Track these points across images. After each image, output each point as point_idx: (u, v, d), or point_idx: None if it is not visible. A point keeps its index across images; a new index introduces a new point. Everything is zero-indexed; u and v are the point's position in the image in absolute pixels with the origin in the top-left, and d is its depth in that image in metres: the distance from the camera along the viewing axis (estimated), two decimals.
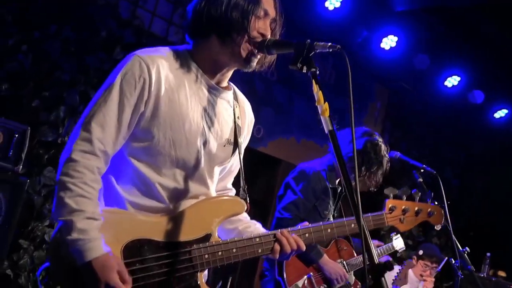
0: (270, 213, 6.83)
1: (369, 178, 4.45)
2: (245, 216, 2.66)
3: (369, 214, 2.90)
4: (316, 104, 2.05)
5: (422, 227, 8.71)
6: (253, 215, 2.69)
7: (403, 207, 3.02)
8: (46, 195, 5.13)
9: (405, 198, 3.05)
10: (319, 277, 4.40)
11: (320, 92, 2.05)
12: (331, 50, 2.14)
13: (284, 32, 2.51)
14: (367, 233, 1.83)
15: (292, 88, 7.30)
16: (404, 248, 5.26)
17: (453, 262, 4.05)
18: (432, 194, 3.31)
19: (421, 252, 6.04)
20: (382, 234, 8.59)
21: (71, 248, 2.11)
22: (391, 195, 3.00)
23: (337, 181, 4.56)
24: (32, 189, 5.02)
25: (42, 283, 2.20)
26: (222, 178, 2.64)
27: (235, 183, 2.73)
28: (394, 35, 7.32)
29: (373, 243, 2.68)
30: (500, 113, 8.65)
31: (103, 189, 2.30)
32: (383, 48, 7.40)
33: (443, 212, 3.23)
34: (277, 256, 2.49)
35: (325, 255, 4.41)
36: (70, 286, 2.17)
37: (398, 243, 5.19)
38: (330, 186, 4.49)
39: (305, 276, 4.38)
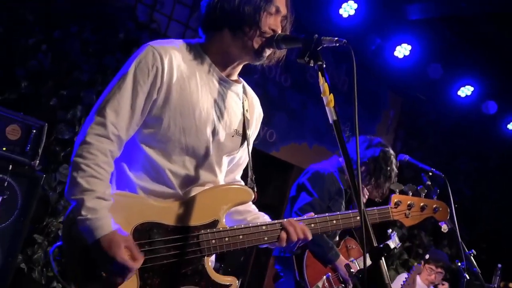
0: (281, 216, 6.89)
1: (375, 188, 4.53)
2: (253, 207, 2.75)
3: (375, 208, 2.94)
4: (321, 95, 2.12)
5: (433, 236, 8.73)
6: None
7: (408, 202, 3.04)
8: (61, 192, 5.25)
9: (411, 194, 3.07)
10: (335, 277, 4.46)
11: (326, 84, 2.12)
12: (337, 44, 2.21)
13: (294, 31, 2.59)
14: (367, 219, 1.89)
15: (305, 94, 7.39)
16: (400, 244, 5.30)
17: (459, 264, 4.09)
18: (438, 191, 3.32)
19: (427, 256, 6.10)
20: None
21: (80, 226, 2.19)
22: (397, 191, 3.04)
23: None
24: (48, 185, 5.15)
25: (55, 260, 2.28)
26: (231, 170, 2.72)
27: (243, 175, 2.80)
28: (408, 44, 7.40)
29: None
30: None
31: (115, 175, 2.40)
32: (397, 57, 7.48)
33: (448, 209, 3.25)
34: (284, 244, 2.54)
35: (341, 256, 4.46)
36: (81, 264, 2.24)
37: (394, 240, 5.22)
38: (343, 187, 4.56)
39: (324, 277, 4.44)
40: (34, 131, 4.25)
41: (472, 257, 4.06)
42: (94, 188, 2.21)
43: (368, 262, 1.86)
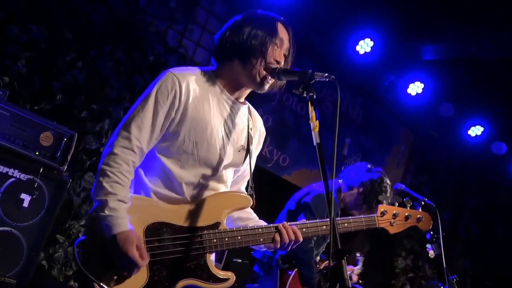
0: None
1: (367, 211, 4.78)
2: (254, 216, 3.09)
3: (362, 216, 3.25)
4: (309, 121, 2.49)
5: (437, 269, 8.92)
6: None
7: (393, 212, 3.35)
8: (84, 197, 5.57)
9: (397, 205, 3.37)
10: None
11: (313, 113, 2.49)
12: (327, 79, 2.58)
13: (308, 63, 2.94)
14: (336, 226, 2.24)
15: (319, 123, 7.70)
16: (362, 269, 5.50)
17: (442, 287, 4.38)
18: (423, 202, 3.59)
19: None
20: (397, 272, 8.85)
21: (101, 222, 2.56)
22: (384, 201, 3.36)
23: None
24: (73, 190, 5.50)
25: (78, 253, 2.62)
26: (236, 181, 3.08)
27: None
28: (421, 82, 7.72)
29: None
30: None
31: (133, 179, 2.77)
32: (410, 94, 7.81)
33: (432, 220, 3.54)
34: (278, 245, 2.86)
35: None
36: (99, 255, 2.60)
37: (359, 266, 5.37)
38: (340, 208, 4.85)
39: None
40: (65, 139, 4.54)
41: (454, 282, 4.34)
42: (116, 192, 2.57)
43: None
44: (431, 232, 4.57)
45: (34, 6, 5.31)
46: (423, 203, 4.61)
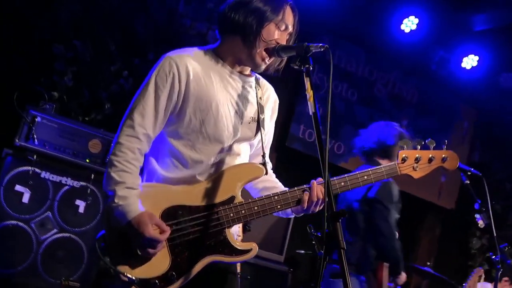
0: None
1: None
2: (280, 185, 3.07)
3: (382, 166, 3.08)
4: (306, 92, 2.50)
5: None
6: None
7: (416, 156, 3.12)
8: None
9: (419, 148, 3.13)
10: None
11: (309, 83, 2.50)
12: (322, 49, 2.57)
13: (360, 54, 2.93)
14: (331, 189, 2.23)
15: (373, 107, 7.63)
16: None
17: (494, 257, 4.26)
18: (469, 172, 3.35)
19: None
20: (473, 253, 8.58)
21: (115, 212, 2.64)
22: (405, 147, 3.13)
23: None
24: None
25: (99, 247, 2.70)
26: (257, 154, 3.06)
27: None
28: (475, 55, 7.46)
29: None
30: None
31: (147, 168, 2.85)
32: (465, 68, 7.56)
33: (458, 159, 3.27)
34: (305, 204, 2.83)
35: None
36: (120, 246, 2.68)
37: None
38: None
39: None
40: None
41: (506, 250, 4.22)
42: (124, 180, 2.64)
43: None
44: (480, 202, 4.45)
45: (76, 23, 5.57)
46: (469, 173, 4.51)
